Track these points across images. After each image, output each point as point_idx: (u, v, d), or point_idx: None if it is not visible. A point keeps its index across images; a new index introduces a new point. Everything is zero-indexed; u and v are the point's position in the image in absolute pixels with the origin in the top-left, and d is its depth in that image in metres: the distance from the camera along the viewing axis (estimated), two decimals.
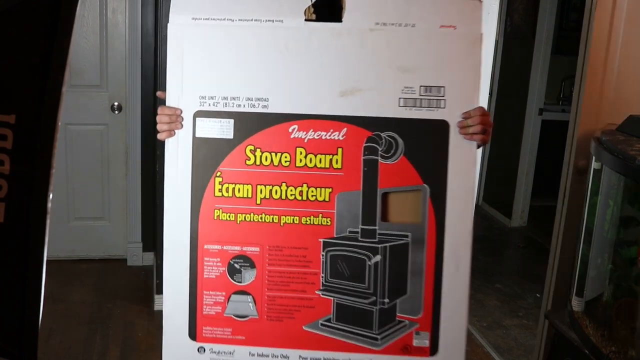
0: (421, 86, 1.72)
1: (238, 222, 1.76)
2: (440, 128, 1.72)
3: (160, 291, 1.81)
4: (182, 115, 1.73)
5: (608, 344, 1.54)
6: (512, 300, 2.64)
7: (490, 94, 3.71)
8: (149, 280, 3.28)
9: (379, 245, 1.72)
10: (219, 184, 1.76)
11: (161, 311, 1.77)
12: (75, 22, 0.95)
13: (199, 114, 1.75)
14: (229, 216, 1.76)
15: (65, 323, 2.79)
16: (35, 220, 0.93)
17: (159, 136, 1.75)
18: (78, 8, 0.96)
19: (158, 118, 1.73)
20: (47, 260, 0.96)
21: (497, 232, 3.63)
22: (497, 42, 3.65)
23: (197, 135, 1.75)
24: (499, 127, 3.83)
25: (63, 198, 3.41)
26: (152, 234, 3.29)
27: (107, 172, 3.55)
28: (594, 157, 1.97)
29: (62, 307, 2.91)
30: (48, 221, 0.94)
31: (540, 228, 3.57)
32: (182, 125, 1.73)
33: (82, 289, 3.24)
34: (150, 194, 3.03)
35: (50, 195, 0.94)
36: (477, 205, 1.75)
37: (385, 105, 1.73)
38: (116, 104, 3.42)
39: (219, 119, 1.75)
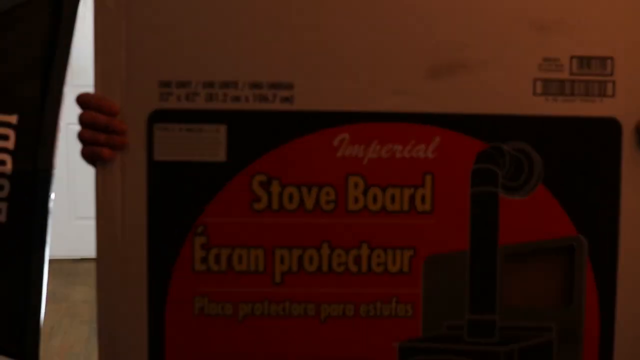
0: (573, 57, 0.94)
1: (240, 319, 0.93)
2: (606, 132, 0.96)
3: None
4: (123, 120, 0.90)
5: None
6: None
7: None
8: None
9: (502, 349, 0.95)
10: (202, 248, 0.93)
11: None
12: (76, 21, 0.91)
13: (160, 116, 0.92)
14: (223, 308, 0.94)
15: (67, 322, 2.84)
16: (38, 220, 0.91)
17: (85, 158, 0.92)
18: (79, 8, 0.91)
19: (84, 123, 0.89)
20: (49, 260, 0.94)
21: None
22: None
23: (157, 157, 0.92)
24: None
25: (64, 197, 3.45)
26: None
27: None
28: None
29: (64, 307, 2.99)
30: (50, 221, 0.92)
31: None
32: (125, 141, 0.90)
33: (84, 289, 3.25)
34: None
35: (52, 195, 0.92)
36: None
37: (509, 93, 0.95)
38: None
39: (199, 126, 0.92)
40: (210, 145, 0.91)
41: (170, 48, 0.89)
